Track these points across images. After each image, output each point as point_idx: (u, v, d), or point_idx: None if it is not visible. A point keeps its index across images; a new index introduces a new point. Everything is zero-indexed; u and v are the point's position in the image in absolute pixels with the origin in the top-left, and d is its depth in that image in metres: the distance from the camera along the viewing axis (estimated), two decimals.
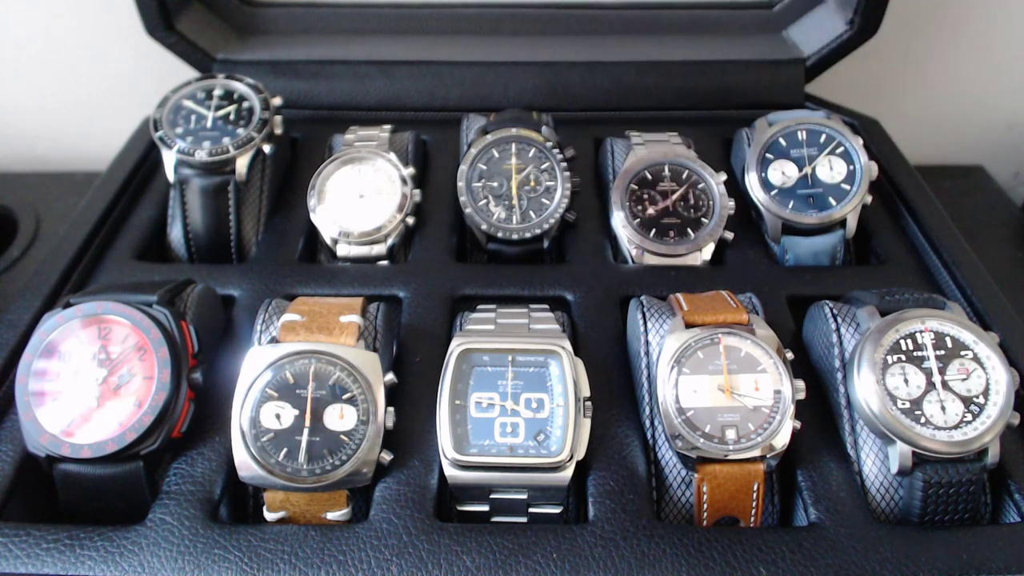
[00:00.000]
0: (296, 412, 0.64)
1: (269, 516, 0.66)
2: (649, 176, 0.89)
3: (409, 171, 0.89)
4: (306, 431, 0.64)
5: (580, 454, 0.64)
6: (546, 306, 0.74)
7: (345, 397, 0.65)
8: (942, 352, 0.66)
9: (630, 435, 0.70)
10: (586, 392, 0.66)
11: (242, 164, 0.89)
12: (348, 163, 0.90)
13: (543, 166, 0.89)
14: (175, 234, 0.92)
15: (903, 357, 0.66)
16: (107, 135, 1.10)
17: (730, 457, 0.64)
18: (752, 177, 0.89)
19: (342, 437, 0.64)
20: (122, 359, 0.67)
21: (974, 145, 1.31)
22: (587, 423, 0.65)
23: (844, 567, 0.60)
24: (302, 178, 0.95)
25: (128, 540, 0.62)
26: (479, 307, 0.74)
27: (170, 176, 0.89)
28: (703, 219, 0.87)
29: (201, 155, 0.87)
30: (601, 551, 0.61)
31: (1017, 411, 0.65)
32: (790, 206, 0.88)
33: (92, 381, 0.66)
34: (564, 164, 0.88)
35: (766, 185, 0.89)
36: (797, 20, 1.12)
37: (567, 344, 0.67)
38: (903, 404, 0.65)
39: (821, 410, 0.72)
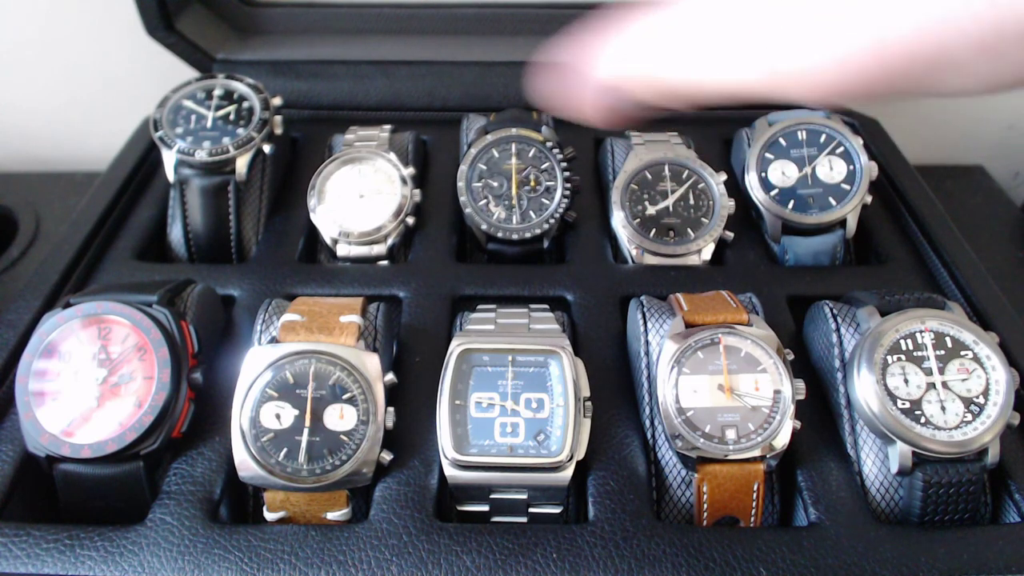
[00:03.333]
0: (296, 412, 0.64)
1: (269, 516, 0.66)
2: (649, 176, 0.89)
3: (409, 171, 0.89)
4: (306, 431, 0.64)
5: (580, 454, 0.64)
6: (546, 306, 0.74)
7: (345, 397, 0.65)
8: (942, 352, 0.66)
9: (630, 435, 0.70)
10: (586, 392, 0.66)
11: (242, 164, 0.89)
12: (348, 163, 0.90)
13: (543, 166, 0.89)
14: (175, 234, 0.92)
15: (903, 357, 0.66)
16: (107, 135, 1.10)
17: (730, 457, 0.64)
18: (752, 177, 0.89)
19: (342, 437, 0.64)
20: (122, 359, 0.67)
21: (974, 145, 1.31)
22: (587, 423, 0.65)
23: (844, 567, 0.60)
24: (302, 178, 0.95)
25: (128, 540, 0.62)
26: (479, 307, 0.74)
27: (170, 176, 0.89)
28: (703, 219, 0.87)
29: (201, 155, 0.87)
30: (601, 551, 0.61)
31: (1017, 411, 0.65)
32: (790, 206, 0.88)
33: (92, 381, 0.66)
34: (564, 164, 0.88)
35: (766, 185, 0.89)
36: None
37: (567, 344, 0.67)
38: (903, 404, 0.65)
39: (821, 410, 0.72)
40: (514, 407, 0.65)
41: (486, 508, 0.66)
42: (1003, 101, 1.29)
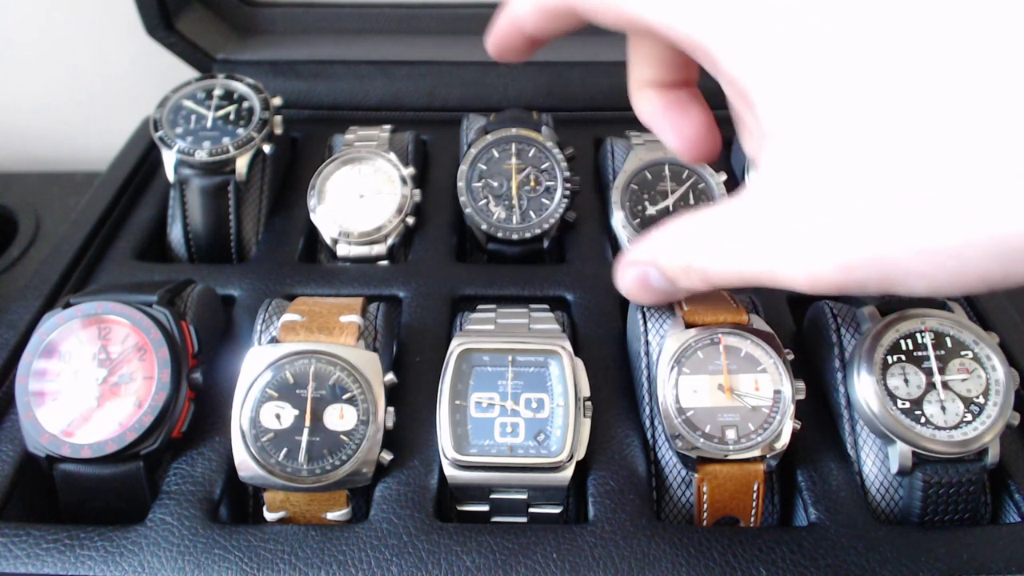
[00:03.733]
0: (296, 412, 0.64)
1: (269, 516, 0.66)
2: (649, 176, 0.89)
3: (409, 171, 0.89)
4: (306, 431, 0.64)
5: (580, 454, 0.64)
6: (546, 306, 0.74)
7: (345, 397, 0.65)
8: (942, 352, 0.66)
9: (630, 435, 0.70)
10: (586, 392, 0.66)
11: (242, 164, 0.89)
12: (348, 163, 0.90)
13: (543, 166, 0.89)
14: (175, 234, 0.92)
15: (903, 357, 0.66)
16: (107, 135, 1.10)
17: (730, 457, 0.64)
18: (752, 177, 0.89)
19: (342, 437, 0.64)
20: (122, 359, 0.67)
21: None
22: (587, 423, 0.65)
23: (844, 567, 0.60)
24: (302, 178, 0.95)
25: (128, 540, 0.62)
26: (479, 307, 0.74)
27: (170, 176, 0.89)
28: None
29: (201, 155, 0.87)
30: (601, 551, 0.61)
31: (1017, 411, 0.65)
32: None
33: (92, 381, 0.66)
34: (564, 164, 0.88)
35: None
36: None
37: (567, 344, 0.67)
38: (903, 404, 0.65)
39: (821, 410, 0.72)
40: (514, 407, 0.65)
41: (486, 508, 0.66)
42: None
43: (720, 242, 0.45)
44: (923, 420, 0.64)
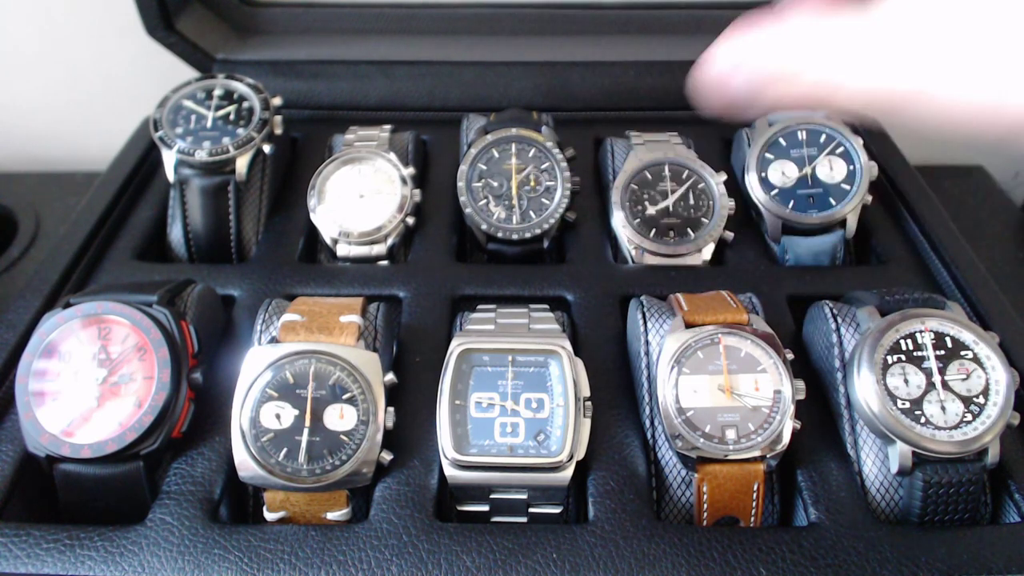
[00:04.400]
0: (296, 412, 0.64)
1: (269, 516, 0.66)
2: (649, 176, 0.89)
3: (409, 171, 0.89)
4: (306, 431, 0.64)
5: (580, 454, 0.64)
6: (546, 306, 0.74)
7: (345, 397, 0.65)
8: (942, 352, 0.66)
9: (630, 435, 0.70)
10: (586, 392, 0.66)
11: (242, 164, 0.89)
12: (348, 163, 0.90)
13: (543, 166, 0.89)
14: (175, 234, 0.92)
15: (903, 357, 0.66)
16: (107, 135, 1.10)
17: (730, 457, 0.64)
18: (752, 177, 0.89)
19: (342, 437, 0.64)
20: (122, 359, 0.67)
21: (974, 145, 1.31)
22: (587, 423, 0.65)
23: (844, 567, 0.60)
24: (302, 178, 0.95)
25: (128, 540, 0.62)
26: (479, 307, 0.74)
27: (170, 176, 0.89)
28: (703, 219, 0.87)
29: (201, 155, 0.87)
30: (601, 551, 0.61)
31: (1017, 411, 0.65)
32: (790, 206, 0.88)
33: (92, 381, 0.66)
34: (564, 164, 0.88)
35: (766, 185, 0.89)
36: None
37: (567, 344, 0.67)
38: (903, 404, 0.65)
39: (821, 410, 0.72)
40: (514, 407, 0.65)
41: (486, 508, 0.66)
42: None
43: (862, 51, 0.37)
44: (923, 420, 0.64)
